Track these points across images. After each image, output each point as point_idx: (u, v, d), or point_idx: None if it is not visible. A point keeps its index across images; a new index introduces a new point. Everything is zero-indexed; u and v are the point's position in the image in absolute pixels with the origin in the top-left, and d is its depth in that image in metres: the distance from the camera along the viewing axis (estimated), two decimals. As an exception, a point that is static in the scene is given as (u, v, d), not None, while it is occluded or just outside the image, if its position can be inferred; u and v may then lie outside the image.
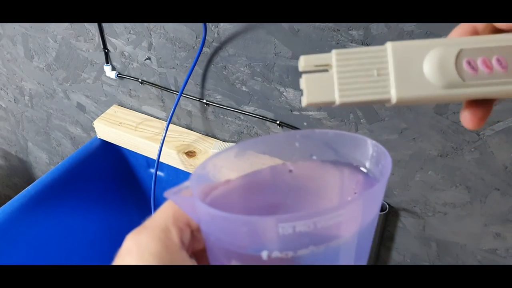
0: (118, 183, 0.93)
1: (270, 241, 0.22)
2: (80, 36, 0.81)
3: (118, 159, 0.91)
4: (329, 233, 0.22)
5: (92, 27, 0.78)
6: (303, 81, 0.24)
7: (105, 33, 0.78)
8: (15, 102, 1.06)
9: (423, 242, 0.71)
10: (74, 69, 0.88)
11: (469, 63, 0.24)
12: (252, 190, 0.28)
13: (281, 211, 0.27)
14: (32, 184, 0.78)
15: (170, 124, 0.81)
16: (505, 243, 0.65)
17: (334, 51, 0.24)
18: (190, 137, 0.80)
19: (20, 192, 0.77)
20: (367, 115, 0.62)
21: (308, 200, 0.28)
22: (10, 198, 0.76)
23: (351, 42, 0.57)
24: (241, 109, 0.73)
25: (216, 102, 0.74)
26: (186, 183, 0.25)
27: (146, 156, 0.83)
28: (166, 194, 0.24)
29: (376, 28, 0.54)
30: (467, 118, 0.25)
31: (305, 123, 0.68)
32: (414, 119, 0.59)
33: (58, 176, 0.81)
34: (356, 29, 0.56)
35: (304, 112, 0.67)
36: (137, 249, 0.23)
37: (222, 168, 0.27)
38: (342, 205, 0.21)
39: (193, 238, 0.26)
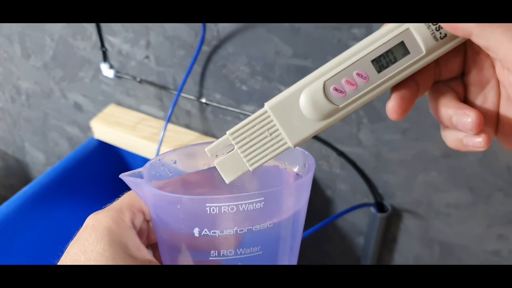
0: (116, 184, 0.92)
1: (200, 219, 0.26)
2: (77, 35, 0.81)
3: (115, 160, 0.90)
4: (252, 218, 0.26)
5: (90, 26, 0.77)
6: (217, 167, 0.29)
7: (102, 31, 0.77)
8: (11, 102, 1.05)
9: (426, 243, 0.71)
10: (71, 68, 0.87)
11: (336, 89, 0.27)
12: (203, 184, 0.33)
13: None
14: (29, 184, 0.77)
15: (169, 124, 0.80)
16: (508, 244, 0.64)
17: (228, 133, 0.28)
18: (188, 137, 0.79)
19: (17, 193, 0.76)
20: (369, 115, 0.61)
21: None
22: (7, 199, 0.75)
23: (353, 40, 0.56)
24: (240, 108, 0.72)
25: (215, 102, 0.73)
26: (140, 169, 0.29)
27: (144, 157, 0.82)
28: (121, 175, 0.28)
29: (378, 26, 0.53)
30: (391, 109, 0.28)
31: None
32: (417, 119, 0.58)
33: (55, 177, 0.80)
34: (358, 27, 0.55)
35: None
36: (92, 224, 0.27)
37: (178, 162, 0.31)
38: (263, 193, 0.26)
39: (150, 231, 0.31)
